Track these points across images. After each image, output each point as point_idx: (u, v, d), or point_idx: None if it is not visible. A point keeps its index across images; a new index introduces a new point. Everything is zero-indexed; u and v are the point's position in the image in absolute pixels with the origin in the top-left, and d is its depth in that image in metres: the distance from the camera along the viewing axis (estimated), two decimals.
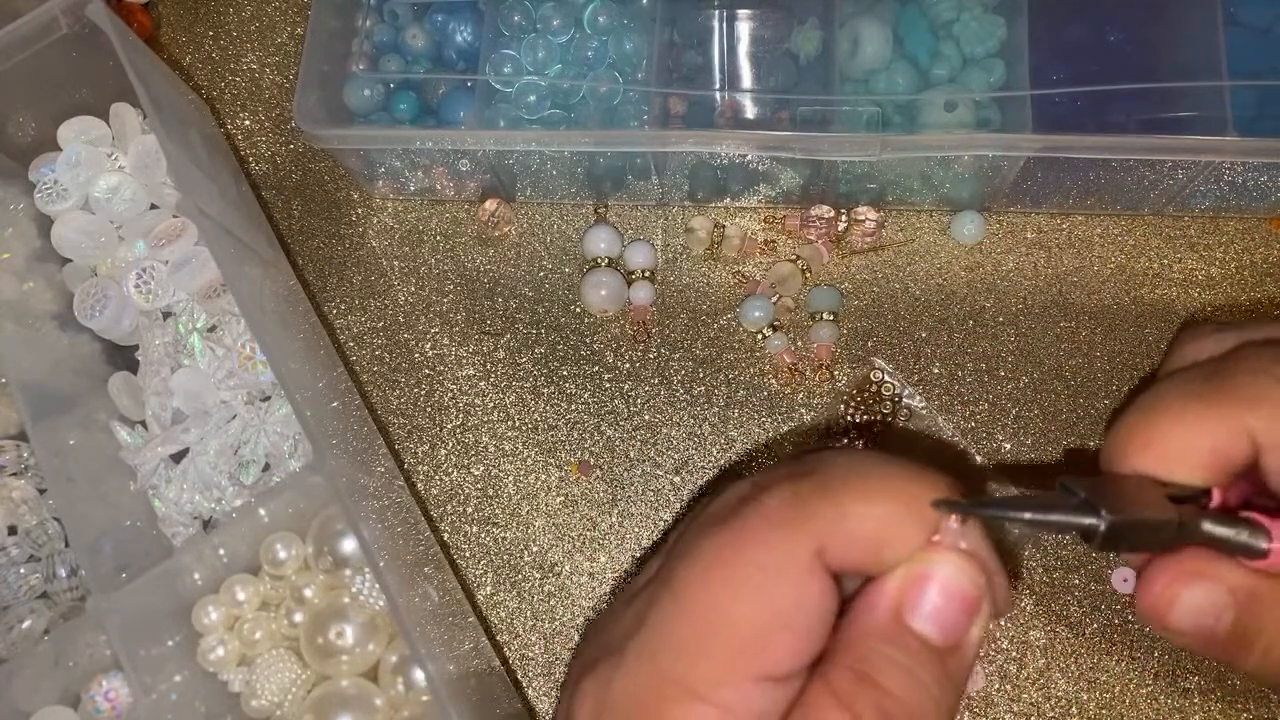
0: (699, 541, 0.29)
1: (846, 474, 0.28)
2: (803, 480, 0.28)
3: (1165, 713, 0.45)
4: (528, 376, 0.52)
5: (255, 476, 0.48)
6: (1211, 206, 0.51)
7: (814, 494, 0.28)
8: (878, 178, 0.50)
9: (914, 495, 0.28)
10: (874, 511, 0.27)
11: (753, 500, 0.29)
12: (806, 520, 0.27)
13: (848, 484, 0.28)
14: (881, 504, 0.28)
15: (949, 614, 0.27)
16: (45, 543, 0.48)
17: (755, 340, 0.51)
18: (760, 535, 0.28)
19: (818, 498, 0.28)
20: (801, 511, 0.28)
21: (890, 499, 0.28)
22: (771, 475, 0.29)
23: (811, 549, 0.27)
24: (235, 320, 0.50)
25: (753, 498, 0.29)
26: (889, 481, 0.28)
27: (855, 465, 0.29)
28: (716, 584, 0.27)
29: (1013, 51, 0.48)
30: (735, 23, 0.49)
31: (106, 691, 0.45)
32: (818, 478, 0.28)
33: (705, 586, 0.28)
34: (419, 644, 0.40)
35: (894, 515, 0.28)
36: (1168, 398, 0.32)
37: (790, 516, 0.28)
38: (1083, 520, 0.27)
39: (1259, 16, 0.47)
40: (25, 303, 0.50)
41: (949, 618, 0.27)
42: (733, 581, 0.27)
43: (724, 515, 0.29)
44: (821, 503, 0.28)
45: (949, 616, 0.27)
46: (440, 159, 0.50)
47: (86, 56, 0.49)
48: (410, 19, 0.52)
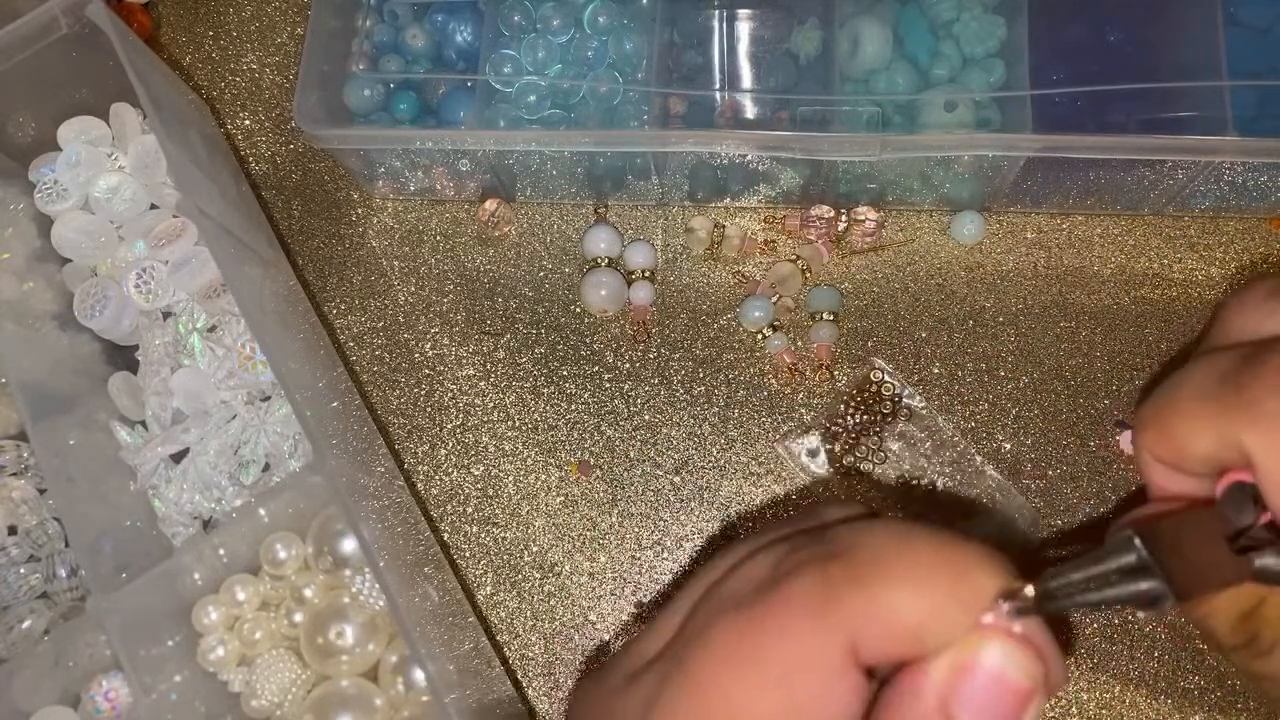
0: (716, 626, 0.26)
1: (880, 556, 0.25)
2: (832, 563, 0.25)
3: (1165, 713, 0.45)
4: (528, 376, 0.52)
5: (255, 476, 0.48)
6: (1211, 206, 0.51)
7: (845, 580, 0.25)
8: (878, 178, 0.50)
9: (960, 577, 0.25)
10: (916, 599, 0.24)
11: (776, 584, 0.26)
12: (836, 611, 0.25)
13: (881, 569, 0.25)
14: (925, 590, 0.24)
15: (1000, 706, 0.24)
16: (45, 543, 0.48)
17: (755, 340, 0.51)
18: (785, 626, 0.25)
19: (849, 586, 0.25)
20: (831, 601, 0.25)
21: (934, 584, 0.24)
22: (797, 554, 0.26)
23: (842, 643, 0.24)
24: (235, 320, 0.50)
25: (776, 580, 0.26)
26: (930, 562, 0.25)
27: (889, 545, 0.25)
28: (735, 678, 0.25)
29: (1013, 51, 0.48)
30: (735, 23, 0.49)
31: (106, 691, 0.45)
32: (848, 560, 0.25)
33: (722, 679, 0.25)
34: (419, 644, 0.40)
35: (939, 603, 0.24)
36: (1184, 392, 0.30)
37: (818, 607, 0.25)
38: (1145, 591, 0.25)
39: (1259, 16, 0.47)
40: (25, 303, 0.50)
41: (999, 709, 0.24)
42: (753, 677, 0.25)
43: (744, 598, 0.26)
44: (853, 591, 0.25)
45: (1000, 709, 0.24)
46: (440, 159, 0.50)
47: (86, 56, 0.49)
48: (410, 19, 0.52)
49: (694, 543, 0.49)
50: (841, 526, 0.27)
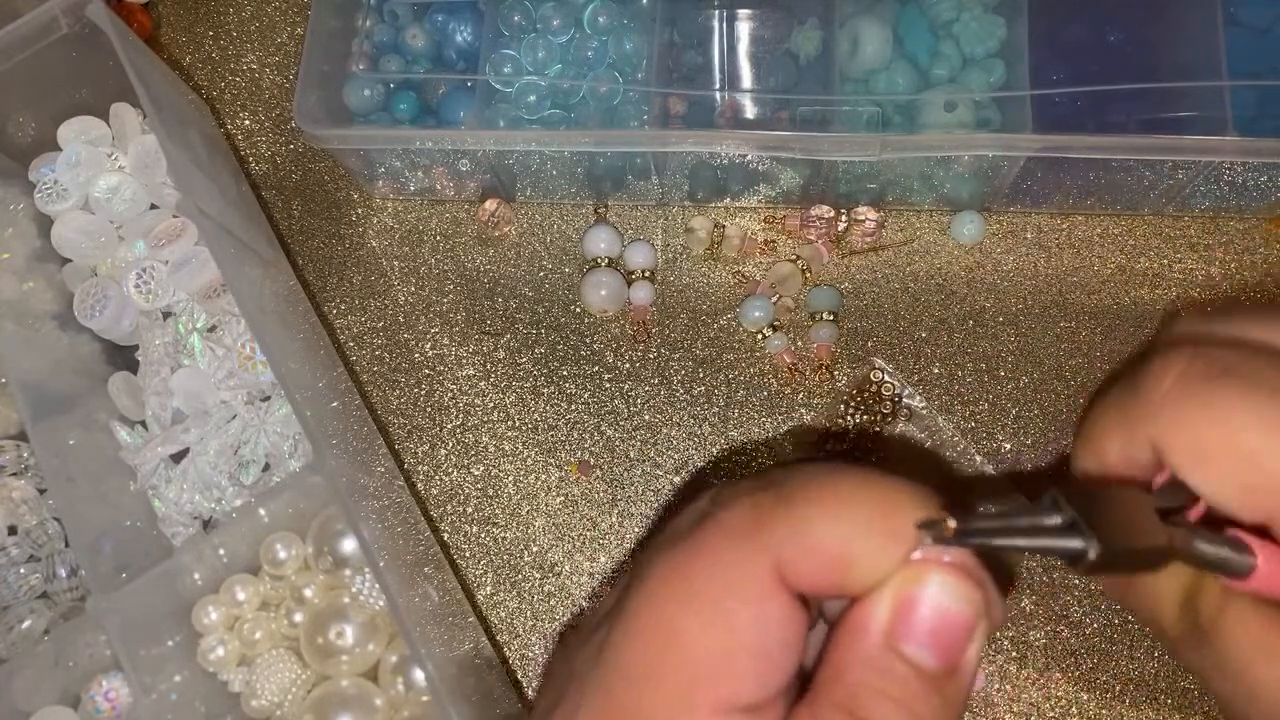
0: (654, 562, 0.26)
1: (808, 484, 0.26)
2: (762, 493, 0.26)
3: (1165, 713, 0.45)
4: (528, 376, 0.52)
5: (255, 476, 0.48)
6: (1211, 206, 0.51)
7: (772, 506, 0.26)
8: (878, 178, 0.50)
9: (884, 507, 0.25)
10: (838, 525, 0.25)
11: (710, 516, 0.26)
12: (762, 533, 0.25)
13: (808, 495, 0.25)
14: (847, 516, 0.25)
15: (944, 637, 0.25)
16: (45, 543, 0.48)
17: (755, 340, 0.51)
18: (713, 552, 0.25)
19: (776, 510, 0.25)
20: (758, 525, 0.25)
21: (856, 511, 0.25)
22: (733, 489, 0.27)
23: (768, 565, 0.25)
24: (235, 320, 0.50)
25: (711, 513, 0.27)
26: (855, 492, 0.25)
27: (819, 475, 0.26)
28: (666, 605, 0.25)
29: (1013, 51, 0.48)
30: (735, 23, 0.49)
31: (106, 691, 0.45)
32: (777, 489, 0.26)
33: (655, 609, 0.26)
34: (419, 644, 0.40)
35: (861, 529, 0.25)
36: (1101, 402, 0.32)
37: (746, 530, 0.25)
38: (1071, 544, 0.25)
39: (1259, 16, 0.47)
40: (25, 303, 0.50)
41: (944, 641, 0.25)
42: (683, 602, 0.25)
43: (681, 533, 0.27)
44: (780, 515, 0.25)
45: (944, 640, 0.25)
46: (440, 159, 0.50)
47: (86, 56, 0.49)
48: (410, 19, 0.52)
49: None
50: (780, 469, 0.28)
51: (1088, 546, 0.25)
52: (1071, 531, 0.25)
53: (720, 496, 0.27)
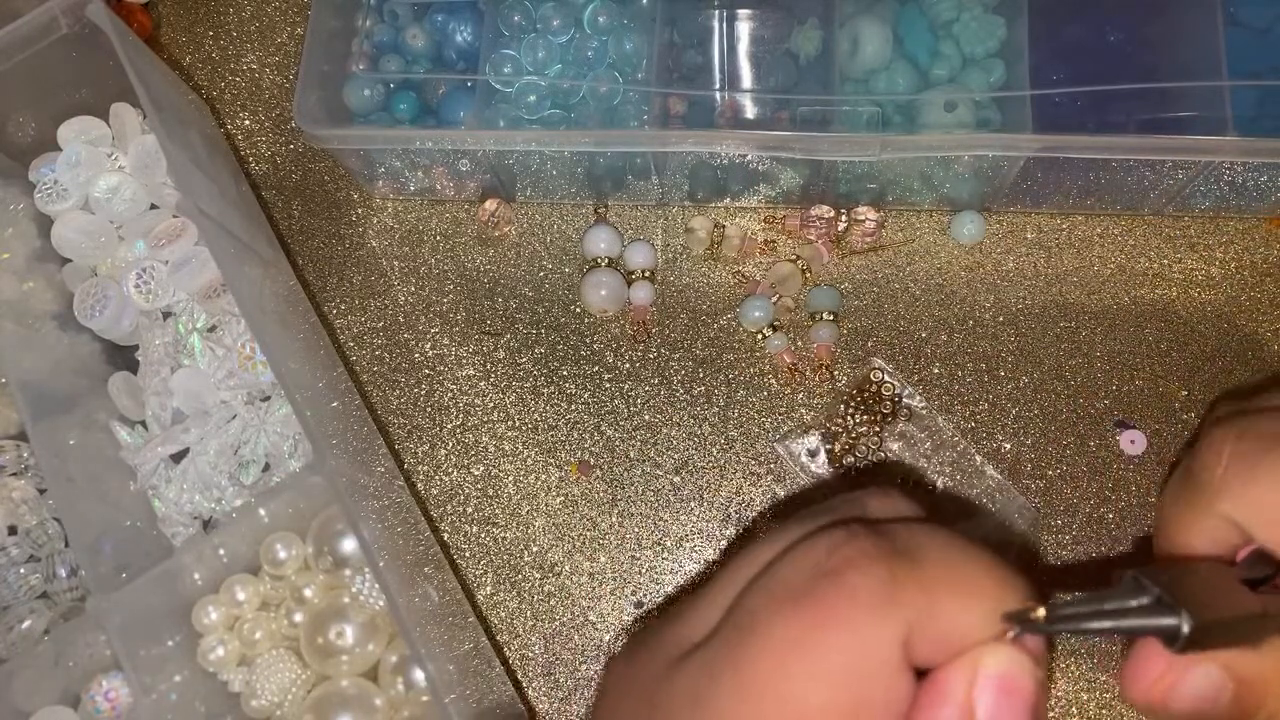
0: (769, 616, 0.26)
1: (944, 563, 0.26)
2: (896, 561, 0.26)
3: None
4: (528, 376, 0.52)
5: (255, 476, 0.48)
6: (1211, 206, 0.51)
7: (911, 581, 0.25)
8: (878, 178, 0.50)
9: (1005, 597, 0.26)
10: (969, 615, 0.25)
11: (836, 574, 0.26)
12: (897, 608, 0.25)
13: (945, 576, 0.26)
14: (976, 606, 0.25)
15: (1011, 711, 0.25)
16: (45, 543, 0.48)
17: (755, 340, 0.51)
18: (846, 620, 0.25)
19: (914, 587, 0.25)
20: (892, 598, 0.25)
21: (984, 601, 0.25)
22: (855, 543, 0.26)
23: (901, 640, 0.25)
24: (235, 320, 0.50)
25: (836, 570, 0.26)
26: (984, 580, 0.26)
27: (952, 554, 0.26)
28: (792, 670, 0.25)
29: (1013, 51, 0.48)
30: (735, 23, 0.49)
31: (106, 691, 0.45)
32: (912, 561, 0.26)
33: (779, 671, 0.25)
34: (419, 644, 0.40)
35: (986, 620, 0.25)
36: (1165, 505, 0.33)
37: (881, 602, 0.25)
38: (1162, 622, 0.25)
39: (1259, 16, 0.47)
40: (25, 303, 0.50)
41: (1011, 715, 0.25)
42: (813, 669, 0.25)
43: (800, 588, 0.26)
44: (918, 593, 0.25)
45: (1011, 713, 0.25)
46: (440, 159, 0.50)
47: (86, 56, 0.49)
48: (410, 19, 0.52)
49: (694, 543, 0.49)
50: (899, 525, 0.27)
51: (1180, 621, 0.25)
52: (1160, 609, 0.25)
53: (844, 552, 0.26)
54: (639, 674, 0.29)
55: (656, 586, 0.49)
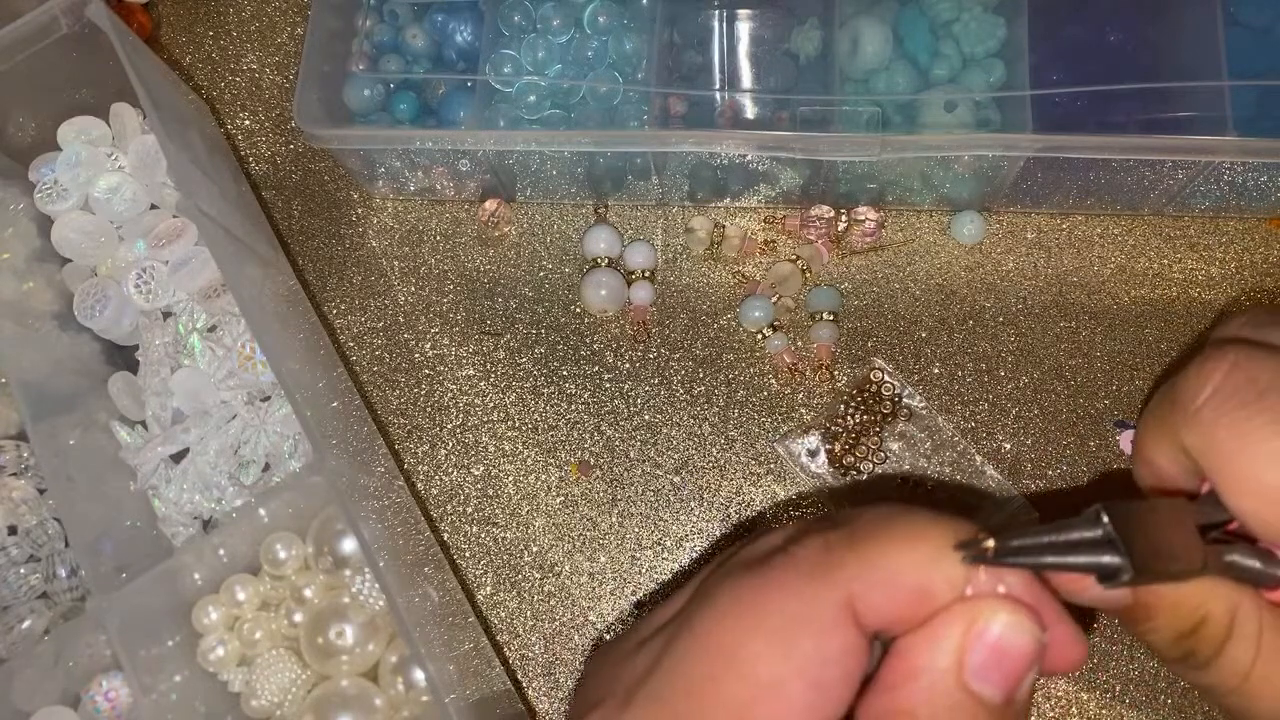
0: (722, 586, 0.28)
1: (874, 523, 0.27)
2: (832, 531, 0.28)
3: (1165, 713, 0.45)
4: (528, 376, 0.52)
5: (255, 476, 0.48)
6: (1211, 206, 0.51)
7: (842, 543, 0.27)
8: (878, 178, 0.50)
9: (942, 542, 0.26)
10: (912, 555, 0.26)
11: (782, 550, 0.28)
12: (834, 569, 0.27)
13: (875, 533, 0.27)
14: (919, 547, 0.26)
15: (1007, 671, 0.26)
16: (45, 543, 0.48)
17: (755, 340, 0.51)
18: (786, 583, 0.27)
19: (845, 547, 0.27)
20: (829, 560, 0.27)
21: (926, 543, 0.26)
22: (802, 527, 0.29)
23: (839, 599, 0.26)
24: (235, 320, 0.50)
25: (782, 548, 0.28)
26: (923, 526, 0.27)
27: (882, 515, 0.28)
28: (737, 628, 0.27)
29: (1013, 51, 0.48)
30: (735, 23, 0.49)
31: (106, 691, 0.45)
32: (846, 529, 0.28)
33: (722, 628, 0.27)
34: (419, 644, 0.40)
35: (933, 558, 0.26)
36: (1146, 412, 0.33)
37: (818, 565, 0.27)
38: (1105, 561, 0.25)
39: (1259, 16, 0.47)
40: (25, 303, 0.50)
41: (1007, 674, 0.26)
42: (754, 627, 0.26)
43: (752, 563, 0.28)
44: (849, 552, 0.27)
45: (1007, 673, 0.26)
46: (440, 159, 0.50)
47: (86, 56, 0.49)
48: (410, 19, 0.52)
49: (694, 543, 0.49)
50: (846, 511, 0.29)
51: (1121, 567, 0.25)
52: (1108, 548, 0.26)
53: (793, 533, 0.28)
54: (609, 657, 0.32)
55: (656, 586, 0.49)
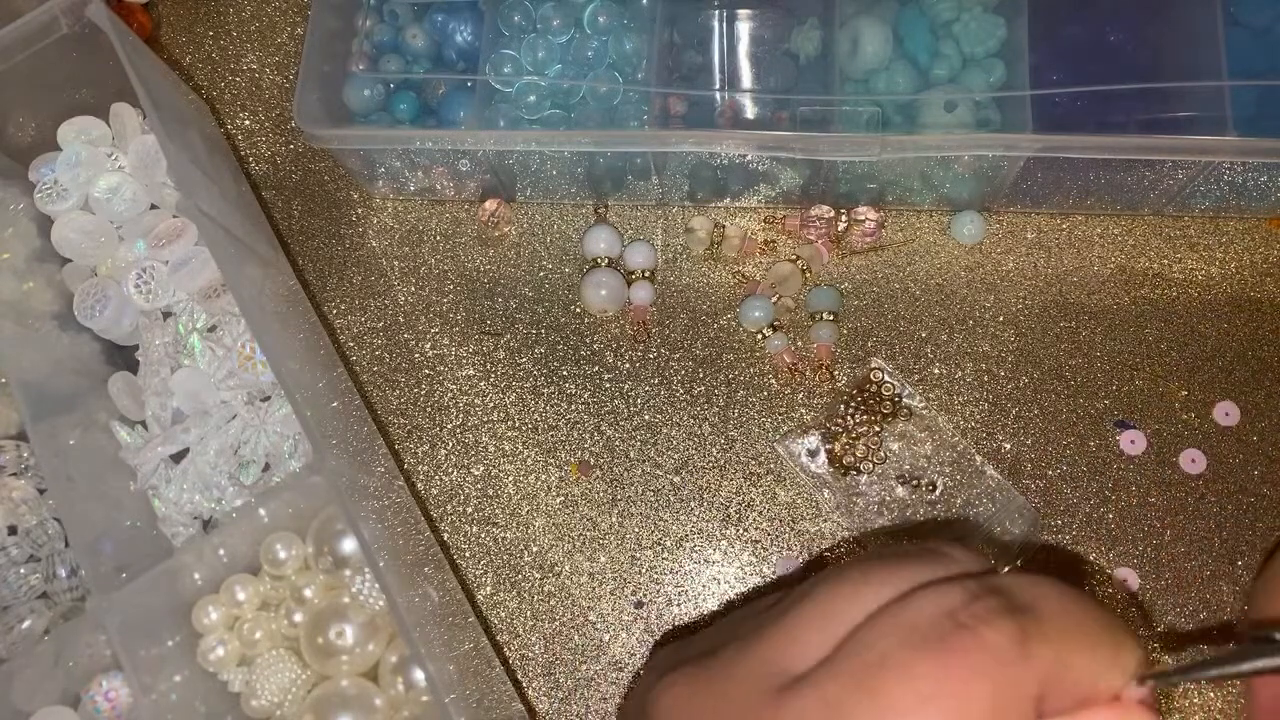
0: (908, 658, 0.26)
1: (1065, 618, 0.27)
2: (1024, 617, 0.27)
3: (1164, 713, 0.45)
4: (528, 376, 0.52)
5: (255, 476, 0.48)
6: (1211, 206, 0.51)
7: (1038, 637, 0.26)
8: (878, 178, 0.50)
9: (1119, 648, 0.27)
10: (1094, 665, 0.26)
11: (970, 629, 0.26)
12: (1031, 663, 0.26)
13: (1069, 631, 0.27)
14: (1100, 656, 0.27)
15: None
16: (45, 543, 0.48)
17: (755, 340, 0.51)
18: (985, 673, 0.26)
19: (1042, 642, 0.26)
20: (1025, 653, 0.26)
21: (1104, 650, 0.27)
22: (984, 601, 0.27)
23: (1034, 695, 0.26)
24: (235, 320, 0.50)
25: (969, 625, 0.27)
26: (1101, 633, 0.27)
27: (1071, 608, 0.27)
28: (931, 713, 0.25)
29: (1013, 51, 0.48)
30: (735, 23, 0.49)
31: (106, 691, 0.45)
32: (1036, 617, 0.27)
33: (916, 713, 0.26)
34: (419, 644, 0.40)
35: (1109, 669, 0.27)
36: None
37: (1017, 656, 0.26)
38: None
39: (1259, 16, 0.47)
40: (25, 303, 0.50)
41: None
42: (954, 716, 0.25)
43: (933, 634, 0.27)
44: (1046, 648, 0.26)
45: None
46: (440, 159, 0.50)
47: (86, 56, 0.49)
48: (410, 19, 0.52)
49: (694, 543, 0.49)
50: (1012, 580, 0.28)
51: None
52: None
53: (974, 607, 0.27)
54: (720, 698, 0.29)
55: (656, 586, 0.49)
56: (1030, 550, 0.48)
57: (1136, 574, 0.47)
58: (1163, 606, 0.47)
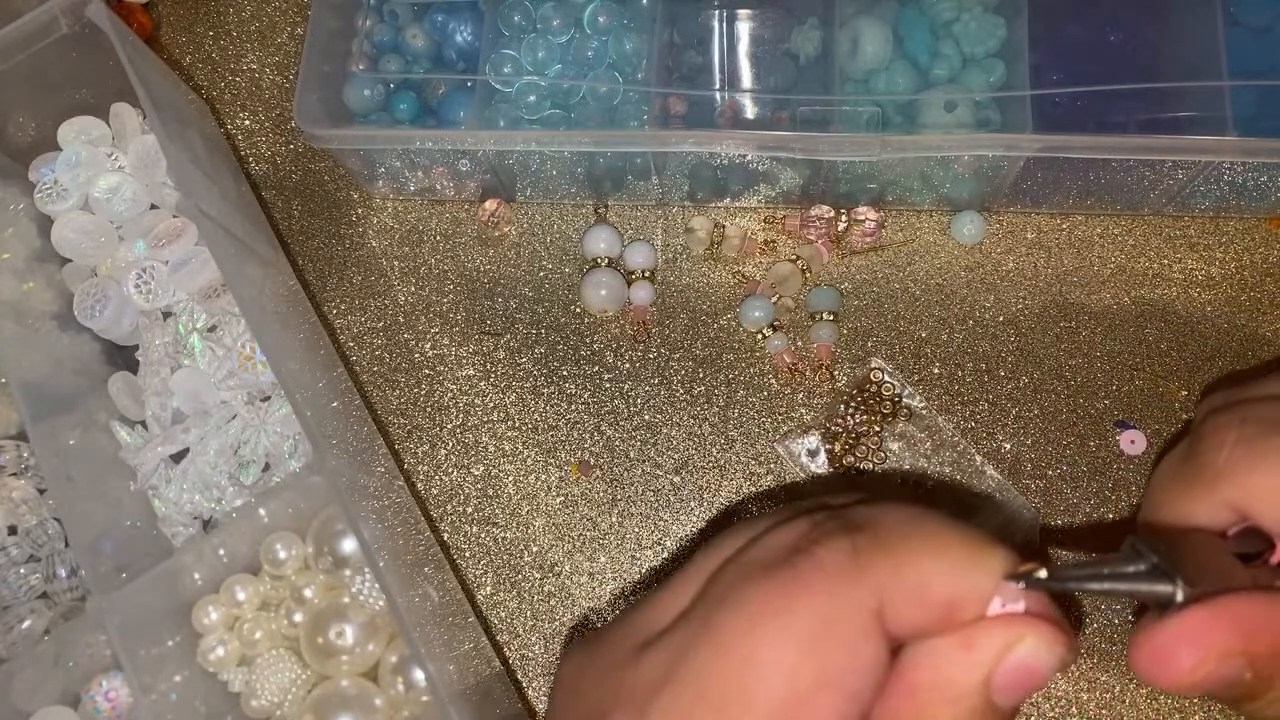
0: (744, 589, 0.27)
1: (901, 527, 0.27)
2: (859, 533, 0.27)
3: (1165, 713, 0.45)
4: (528, 376, 0.52)
5: (255, 476, 0.48)
6: (1211, 206, 0.51)
7: (870, 547, 0.26)
8: (878, 178, 0.50)
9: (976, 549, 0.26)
10: (942, 571, 0.26)
11: (805, 550, 0.27)
12: (864, 575, 0.26)
13: (905, 539, 0.26)
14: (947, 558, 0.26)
15: (1029, 687, 0.26)
16: (45, 543, 0.48)
17: (755, 340, 0.51)
18: (815, 587, 0.26)
19: (875, 551, 0.26)
20: (859, 565, 0.26)
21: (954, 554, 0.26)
22: (823, 525, 0.28)
23: (870, 606, 0.26)
24: (235, 320, 0.50)
25: (804, 548, 0.27)
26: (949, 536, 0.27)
27: (909, 519, 0.27)
28: (765, 635, 0.26)
29: (1013, 51, 0.48)
30: (735, 23, 0.49)
31: (106, 691, 0.45)
32: (873, 531, 0.27)
33: (751, 637, 0.26)
34: (419, 644, 0.40)
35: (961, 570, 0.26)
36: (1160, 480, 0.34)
37: (848, 569, 0.26)
38: (1158, 588, 0.26)
39: (1259, 16, 0.47)
40: (25, 303, 0.50)
41: (1027, 690, 0.26)
42: (783, 634, 0.25)
43: (772, 563, 0.27)
44: (880, 556, 0.26)
45: (1028, 689, 0.26)
46: (440, 159, 0.50)
47: (86, 56, 0.49)
48: (410, 19, 0.52)
49: (694, 543, 0.49)
50: (858, 506, 0.28)
51: (1175, 590, 0.26)
52: (1157, 575, 0.26)
53: (813, 532, 0.27)
54: (599, 662, 0.30)
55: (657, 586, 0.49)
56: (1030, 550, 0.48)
57: None
58: None
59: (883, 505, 0.28)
